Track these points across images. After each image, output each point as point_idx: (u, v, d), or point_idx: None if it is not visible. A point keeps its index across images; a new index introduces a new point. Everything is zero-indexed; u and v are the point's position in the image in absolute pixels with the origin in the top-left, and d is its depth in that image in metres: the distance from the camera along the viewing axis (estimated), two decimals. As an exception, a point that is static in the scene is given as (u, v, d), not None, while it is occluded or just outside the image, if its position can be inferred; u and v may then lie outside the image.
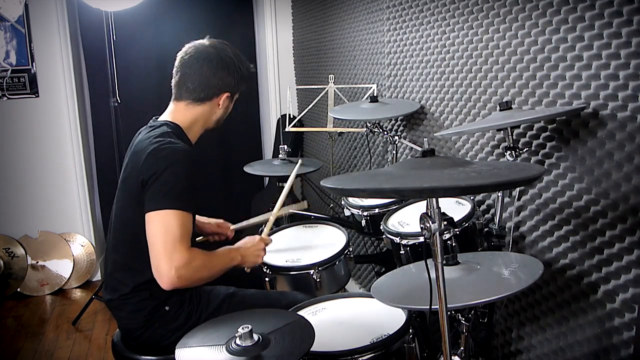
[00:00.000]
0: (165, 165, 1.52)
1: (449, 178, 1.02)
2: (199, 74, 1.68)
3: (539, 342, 1.73)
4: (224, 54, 1.71)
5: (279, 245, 2.05)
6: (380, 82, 2.62)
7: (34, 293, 3.63)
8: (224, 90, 1.71)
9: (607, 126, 1.38)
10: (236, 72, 1.72)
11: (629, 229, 1.36)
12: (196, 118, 1.72)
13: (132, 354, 1.66)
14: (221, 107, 1.74)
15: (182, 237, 1.48)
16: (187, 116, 1.71)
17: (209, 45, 1.72)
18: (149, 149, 1.55)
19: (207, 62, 1.68)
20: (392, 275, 1.50)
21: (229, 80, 1.71)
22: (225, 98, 1.72)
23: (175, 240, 1.47)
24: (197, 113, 1.71)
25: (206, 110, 1.72)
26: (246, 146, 4.32)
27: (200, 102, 1.70)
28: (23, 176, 3.65)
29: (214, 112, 1.74)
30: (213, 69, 1.68)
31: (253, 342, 1.20)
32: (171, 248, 1.46)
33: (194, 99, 1.70)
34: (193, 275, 1.51)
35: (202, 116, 1.73)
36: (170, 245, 1.46)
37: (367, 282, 3.10)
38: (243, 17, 4.20)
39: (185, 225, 1.50)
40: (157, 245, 1.47)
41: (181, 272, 1.47)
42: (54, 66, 3.56)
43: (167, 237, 1.47)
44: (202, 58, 1.68)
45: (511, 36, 1.68)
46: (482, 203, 1.94)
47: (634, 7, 1.26)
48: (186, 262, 1.47)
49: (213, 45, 1.72)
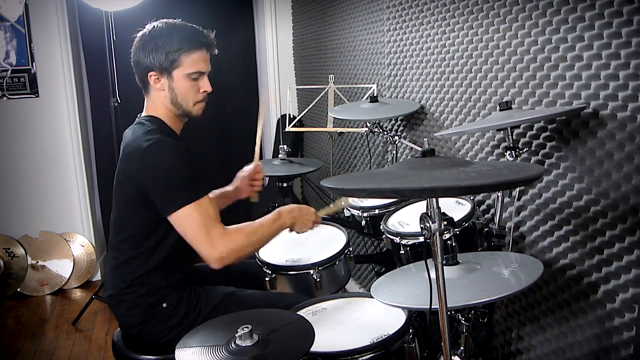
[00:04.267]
0: (161, 169, 1.52)
1: (449, 178, 1.02)
2: (132, 61, 1.66)
3: (539, 342, 1.73)
4: (144, 35, 1.63)
5: (279, 245, 2.06)
6: (380, 82, 2.62)
7: (34, 293, 3.63)
8: (148, 69, 1.62)
9: (607, 126, 1.38)
10: (155, 48, 1.59)
11: (629, 229, 1.36)
12: (159, 108, 1.67)
13: (132, 354, 1.66)
14: (165, 89, 1.63)
15: (207, 222, 1.52)
16: (156, 107, 1.68)
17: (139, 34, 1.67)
18: (140, 151, 1.54)
19: (132, 49, 1.65)
20: (392, 275, 1.50)
21: (148, 59, 1.60)
22: (155, 78, 1.62)
23: (203, 227, 1.52)
24: (155, 103, 1.67)
25: (156, 96, 1.65)
26: (246, 146, 4.31)
27: (145, 89, 1.68)
28: (23, 176, 3.65)
29: (161, 95, 1.64)
30: (135, 52, 1.64)
31: (253, 342, 1.20)
32: (204, 236, 1.52)
33: (144, 90, 1.69)
34: (238, 250, 1.56)
35: (160, 104, 1.66)
36: (201, 234, 1.52)
37: (367, 282, 3.10)
38: (243, 17, 4.20)
39: (207, 211, 1.54)
40: (190, 238, 1.54)
41: (224, 251, 1.53)
42: (54, 66, 3.56)
43: (195, 229, 1.52)
44: (132, 48, 1.66)
45: (511, 36, 1.68)
46: (482, 203, 1.94)
47: (634, 7, 1.26)
48: (226, 240, 1.54)
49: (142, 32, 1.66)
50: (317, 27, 3.43)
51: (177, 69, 1.61)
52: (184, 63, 1.60)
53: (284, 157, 2.72)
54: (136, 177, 1.55)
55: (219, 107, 4.19)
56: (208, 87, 1.67)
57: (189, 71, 1.61)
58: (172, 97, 1.64)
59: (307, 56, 3.71)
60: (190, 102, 1.66)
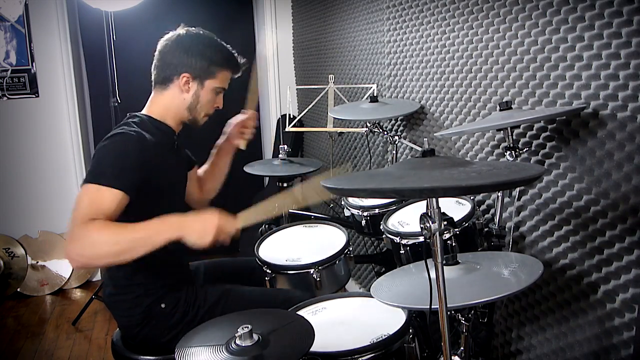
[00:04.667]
0: (110, 147, 1.52)
1: (449, 178, 1.02)
2: (161, 55, 1.68)
3: (539, 342, 1.73)
4: (187, 36, 1.68)
5: (279, 245, 2.06)
6: (380, 82, 2.62)
7: (34, 293, 3.63)
8: (182, 70, 1.65)
9: (607, 126, 1.38)
10: (199, 53, 1.65)
11: (629, 229, 1.36)
12: (166, 106, 1.69)
13: (131, 354, 1.66)
14: (189, 93, 1.67)
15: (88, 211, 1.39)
16: (159, 104, 1.70)
17: (177, 31, 1.71)
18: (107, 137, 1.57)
19: (169, 45, 1.68)
20: (392, 275, 1.50)
21: (188, 61, 1.65)
22: (186, 80, 1.66)
23: (80, 213, 1.39)
24: (165, 100, 1.69)
25: (172, 96, 1.68)
26: (246, 146, 4.31)
27: (163, 84, 1.68)
28: (23, 176, 3.65)
29: (182, 97, 1.68)
30: (170, 48, 1.67)
31: (253, 342, 1.20)
32: (74, 222, 1.38)
33: (159, 83, 1.70)
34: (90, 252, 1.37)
35: (172, 103, 1.69)
36: (79, 219, 1.38)
37: (367, 282, 3.10)
38: (243, 17, 4.20)
39: (100, 200, 1.41)
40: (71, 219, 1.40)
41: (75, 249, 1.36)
42: (54, 66, 3.57)
43: (79, 209, 1.40)
44: (166, 42, 1.69)
45: (511, 36, 1.68)
46: (482, 203, 1.94)
47: (634, 7, 1.26)
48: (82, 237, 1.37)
49: (181, 31, 1.70)
50: (317, 27, 3.43)
51: (210, 80, 1.69)
52: (218, 77, 1.71)
53: (284, 157, 2.72)
54: None
55: (219, 107, 4.18)
56: (221, 104, 1.79)
57: (218, 85, 1.72)
58: (191, 103, 1.70)
59: (307, 56, 3.71)
60: (203, 113, 1.74)
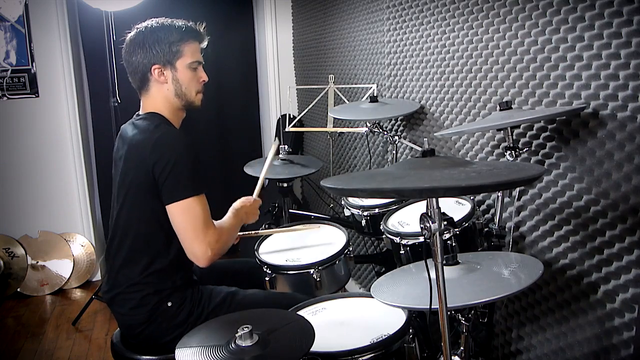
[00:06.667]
0: (175, 156, 1.55)
1: (449, 178, 1.02)
2: (127, 63, 1.69)
3: (539, 342, 1.73)
4: (137, 33, 1.68)
5: (279, 245, 2.06)
6: (380, 82, 2.62)
7: (34, 293, 3.63)
8: (149, 64, 1.66)
9: (607, 126, 1.38)
10: (154, 41, 1.65)
11: (629, 229, 1.36)
12: (161, 104, 1.70)
13: (131, 354, 1.66)
14: (168, 81, 1.67)
15: (207, 219, 1.59)
16: (156, 105, 1.70)
17: (128, 35, 1.70)
18: (151, 141, 1.57)
19: (125, 50, 1.69)
20: (392, 275, 1.50)
21: (149, 53, 1.65)
22: (158, 71, 1.66)
23: (203, 223, 1.57)
24: (156, 100, 1.70)
25: (157, 92, 1.69)
26: (246, 146, 4.32)
27: (143, 87, 1.70)
28: (23, 176, 3.65)
29: (164, 89, 1.68)
30: (130, 54, 1.68)
31: (253, 342, 1.20)
32: (202, 232, 1.56)
33: (140, 88, 1.71)
34: (224, 247, 1.64)
35: (162, 100, 1.70)
36: (200, 229, 1.56)
37: (367, 282, 3.10)
38: (243, 17, 4.20)
39: (206, 207, 1.60)
40: (188, 232, 1.57)
41: (215, 248, 1.58)
42: (54, 66, 3.57)
43: (195, 222, 1.56)
44: (125, 48, 1.69)
45: (511, 36, 1.68)
46: (482, 203, 1.94)
47: (634, 7, 1.26)
48: (217, 239, 1.59)
49: (131, 32, 1.70)
50: (317, 27, 3.43)
51: (180, 59, 1.67)
52: (186, 53, 1.68)
53: (284, 157, 2.72)
54: (148, 166, 1.56)
55: (219, 107, 4.19)
56: (205, 77, 1.75)
57: (190, 60, 1.69)
58: (176, 89, 1.69)
59: (307, 56, 3.71)
60: (193, 92, 1.72)
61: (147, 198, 1.60)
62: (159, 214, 1.60)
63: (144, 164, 1.57)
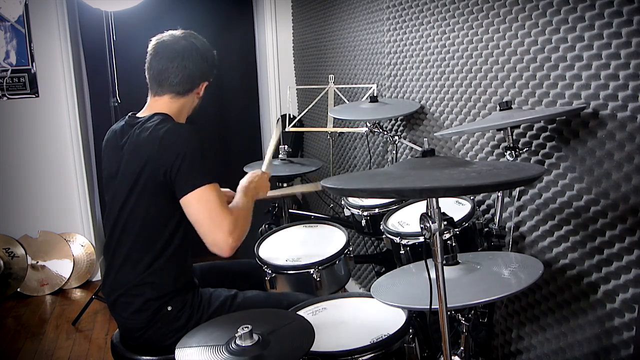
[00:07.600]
0: (185, 147, 1.57)
1: (449, 178, 1.02)
2: (182, 67, 1.70)
3: (539, 342, 1.73)
4: (200, 45, 1.74)
5: (279, 245, 2.06)
6: (380, 82, 2.62)
7: (34, 293, 3.63)
8: (204, 80, 1.77)
9: (607, 126, 1.38)
10: (210, 60, 1.77)
11: (629, 229, 1.36)
12: (180, 110, 1.75)
13: (131, 354, 1.66)
14: (200, 96, 1.81)
15: (223, 206, 1.58)
16: (172, 108, 1.73)
17: (182, 37, 1.73)
18: (158, 137, 1.57)
19: (189, 55, 1.70)
20: (392, 275, 1.50)
21: (207, 70, 1.77)
22: (205, 86, 1.79)
23: (219, 210, 1.56)
24: (180, 105, 1.75)
25: (188, 101, 1.77)
26: (246, 146, 4.32)
27: (184, 94, 1.74)
28: (23, 176, 3.65)
29: (194, 101, 1.80)
30: (194, 62, 1.71)
31: (253, 342, 1.20)
32: (219, 219, 1.55)
33: (177, 92, 1.73)
34: (243, 232, 1.61)
35: (185, 107, 1.77)
36: (217, 216, 1.55)
37: (367, 282, 3.10)
38: (243, 17, 4.20)
39: (221, 194, 1.60)
40: (205, 221, 1.56)
41: (235, 235, 1.56)
42: (54, 66, 3.56)
43: (211, 211, 1.55)
44: (183, 51, 1.70)
45: (511, 36, 1.68)
46: (482, 203, 1.94)
47: (634, 7, 1.26)
48: (234, 224, 1.56)
49: (186, 36, 1.73)
50: (317, 27, 3.43)
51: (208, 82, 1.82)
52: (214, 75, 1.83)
53: (284, 157, 2.72)
54: (156, 161, 1.56)
55: (219, 107, 4.19)
56: None
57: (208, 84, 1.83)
58: (198, 104, 1.83)
59: (307, 56, 3.71)
60: None
61: (155, 196, 1.59)
62: (164, 213, 1.60)
63: (148, 160, 1.57)
